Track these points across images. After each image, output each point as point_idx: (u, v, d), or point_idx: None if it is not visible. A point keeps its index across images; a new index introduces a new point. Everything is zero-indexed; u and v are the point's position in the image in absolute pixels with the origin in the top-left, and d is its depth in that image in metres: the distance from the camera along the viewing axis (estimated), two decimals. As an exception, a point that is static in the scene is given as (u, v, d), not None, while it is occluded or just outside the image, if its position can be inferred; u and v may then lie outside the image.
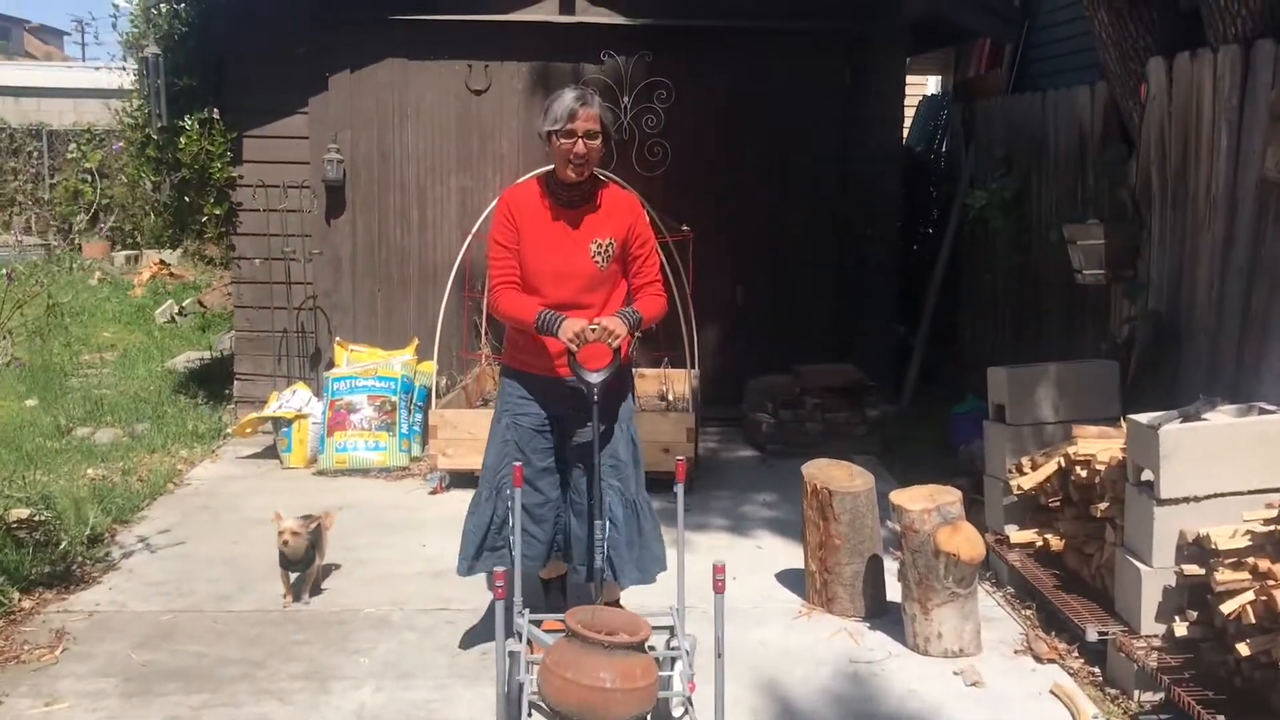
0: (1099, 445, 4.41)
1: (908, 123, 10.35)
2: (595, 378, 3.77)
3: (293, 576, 4.76)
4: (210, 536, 5.62)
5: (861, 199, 7.79)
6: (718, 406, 7.53)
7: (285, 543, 4.64)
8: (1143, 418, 3.96)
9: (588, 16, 7.49)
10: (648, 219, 4.04)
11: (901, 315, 8.27)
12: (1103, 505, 4.24)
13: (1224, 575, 3.54)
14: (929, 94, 13.37)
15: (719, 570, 3.25)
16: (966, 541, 4.14)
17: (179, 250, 12.44)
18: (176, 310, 11.98)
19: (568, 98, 3.81)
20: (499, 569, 3.25)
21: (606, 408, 3.89)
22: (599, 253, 3.88)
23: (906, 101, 8.34)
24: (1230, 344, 4.66)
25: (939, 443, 7.24)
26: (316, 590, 4.87)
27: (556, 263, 3.88)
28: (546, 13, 7.50)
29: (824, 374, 7.29)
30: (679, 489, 3.75)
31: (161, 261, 13.91)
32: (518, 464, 3.85)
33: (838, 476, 4.67)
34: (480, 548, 4.07)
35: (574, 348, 3.73)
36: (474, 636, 4.44)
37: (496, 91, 7.62)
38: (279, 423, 6.96)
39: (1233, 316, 4.63)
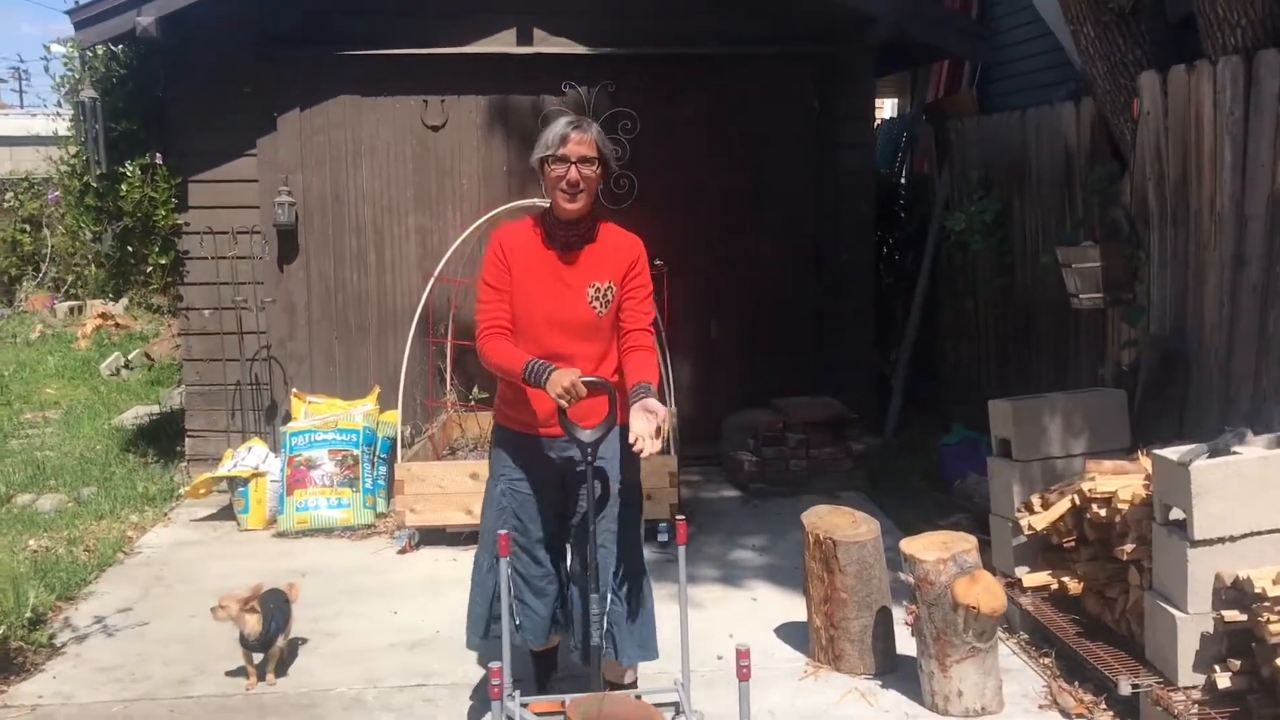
0: (1118, 482, 4.15)
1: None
2: (590, 436, 3.44)
3: (256, 657, 4.38)
4: (165, 611, 5.22)
5: (836, 225, 7.56)
6: (696, 445, 7.22)
7: (242, 625, 4.27)
8: (1170, 453, 3.70)
9: (547, 47, 7.22)
10: (648, 263, 3.72)
11: (879, 343, 8.03)
12: (1128, 548, 3.97)
13: (1274, 621, 3.28)
14: (886, 117, 13.24)
15: (743, 655, 2.93)
16: (987, 592, 3.86)
17: (124, 300, 11.99)
18: (123, 363, 11.51)
19: (561, 122, 3.54)
20: (495, 665, 2.92)
21: (605, 468, 3.58)
22: (597, 298, 3.57)
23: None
24: (1245, 369, 4.43)
25: (929, 476, 6.99)
26: (283, 670, 4.49)
27: (550, 308, 3.56)
28: (504, 44, 7.22)
29: (805, 408, 7.02)
30: (681, 552, 3.45)
31: (102, 314, 13.42)
32: (503, 533, 3.52)
33: (841, 525, 4.38)
34: (489, 618, 3.78)
35: (564, 404, 3.39)
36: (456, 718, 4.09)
37: (454, 126, 7.32)
38: (235, 482, 6.57)
39: (1247, 340, 4.40)
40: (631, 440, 3.32)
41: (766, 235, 7.53)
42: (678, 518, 3.49)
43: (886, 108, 13.99)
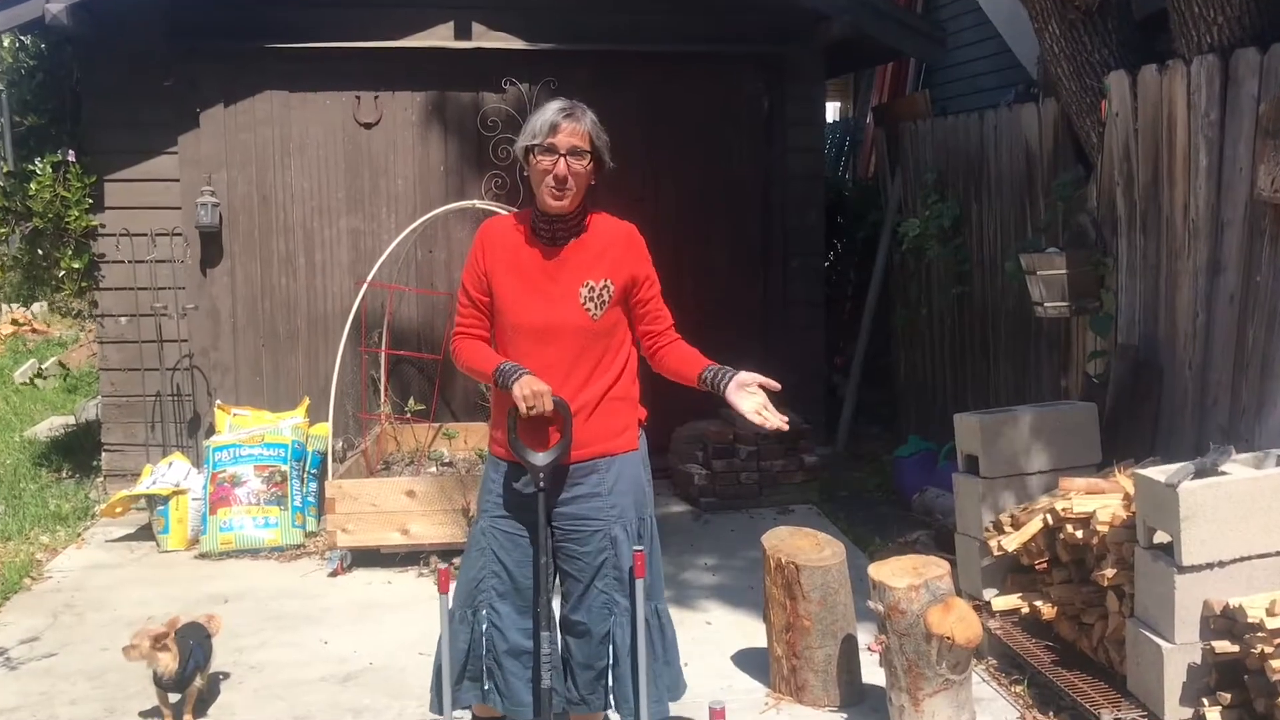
0: (1095, 502, 3.94)
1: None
2: (543, 459, 3.11)
3: (172, 697, 4.01)
4: (74, 644, 4.82)
5: (785, 230, 7.33)
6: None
7: (156, 664, 3.91)
8: (1155, 473, 3.49)
9: (486, 41, 6.90)
10: (648, 253, 3.32)
11: (828, 352, 7.82)
12: (1108, 572, 3.76)
13: (1274, 655, 3.07)
14: (829, 120, 13.08)
15: (717, 715, 2.63)
16: (961, 622, 3.62)
17: (39, 304, 11.42)
18: (37, 371, 10.96)
19: (551, 108, 3.14)
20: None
21: (594, 495, 3.19)
22: (591, 298, 3.14)
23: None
24: (1222, 381, 4.25)
25: (884, 488, 6.78)
26: (202, 709, 4.13)
27: (538, 313, 3.14)
28: (441, 38, 6.89)
29: (756, 419, 6.76)
30: (639, 587, 3.16)
31: (15, 321, 12.81)
32: (443, 567, 3.20)
33: (804, 548, 4.12)
34: (460, 676, 3.24)
35: (523, 409, 3.01)
36: (393, 761, 3.77)
37: (388, 124, 6.97)
38: (154, 500, 6.15)
39: (1224, 351, 4.22)
40: (755, 415, 3.07)
41: (713, 240, 7.28)
42: (635, 548, 3.20)
43: (829, 111, 13.83)
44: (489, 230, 3.29)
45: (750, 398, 3.12)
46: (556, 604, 3.29)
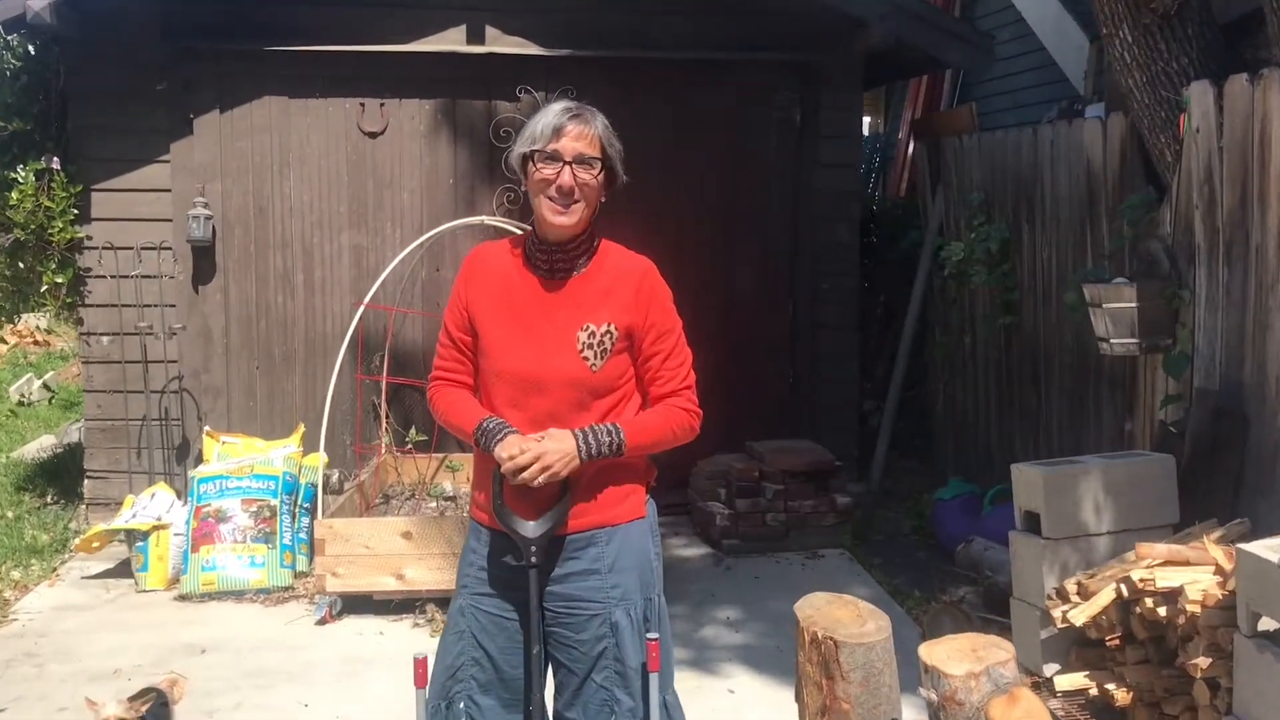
0: (1182, 575, 3.42)
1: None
2: (533, 530, 2.63)
3: (122, 778, 3.54)
4: (29, 700, 4.37)
5: (816, 252, 6.84)
6: (661, 493, 6.43)
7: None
8: (1261, 549, 2.98)
9: (500, 47, 6.44)
10: (669, 295, 2.77)
11: (862, 378, 7.32)
12: (1201, 661, 3.24)
13: None
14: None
15: None
16: (1029, 717, 3.10)
17: (39, 315, 11.04)
18: (36, 386, 10.54)
19: (555, 109, 2.65)
20: None
21: (592, 572, 2.69)
22: (590, 345, 2.64)
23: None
24: (1321, 434, 3.73)
25: (921, 533, 6.27)
26: (160, 789, 3.66)
27: (528, 360, 2.65)
28: (452, 42, 6.44)
29: (784, 454, 6.27)
30: (654, 682, 2.67)
31: (18, 331, 12.41)
32: (419, 657, 2.71)
33: (843, 620, 3.60)
34: None
35: (509, 476, 2.57)
36: None
37: (394, 133, 6.51)
38: (133, 535, 5.71)
39: (1324, 400, 3.71)
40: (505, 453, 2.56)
41: (740, 261, 6.80)
42: (649, 636, 2.70)
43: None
44: (476, 258, 2.81)
45: (536, 441, 2.60)
46: (549, 694, 2.79)
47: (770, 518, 6.12)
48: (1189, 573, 3.45)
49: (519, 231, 5.82)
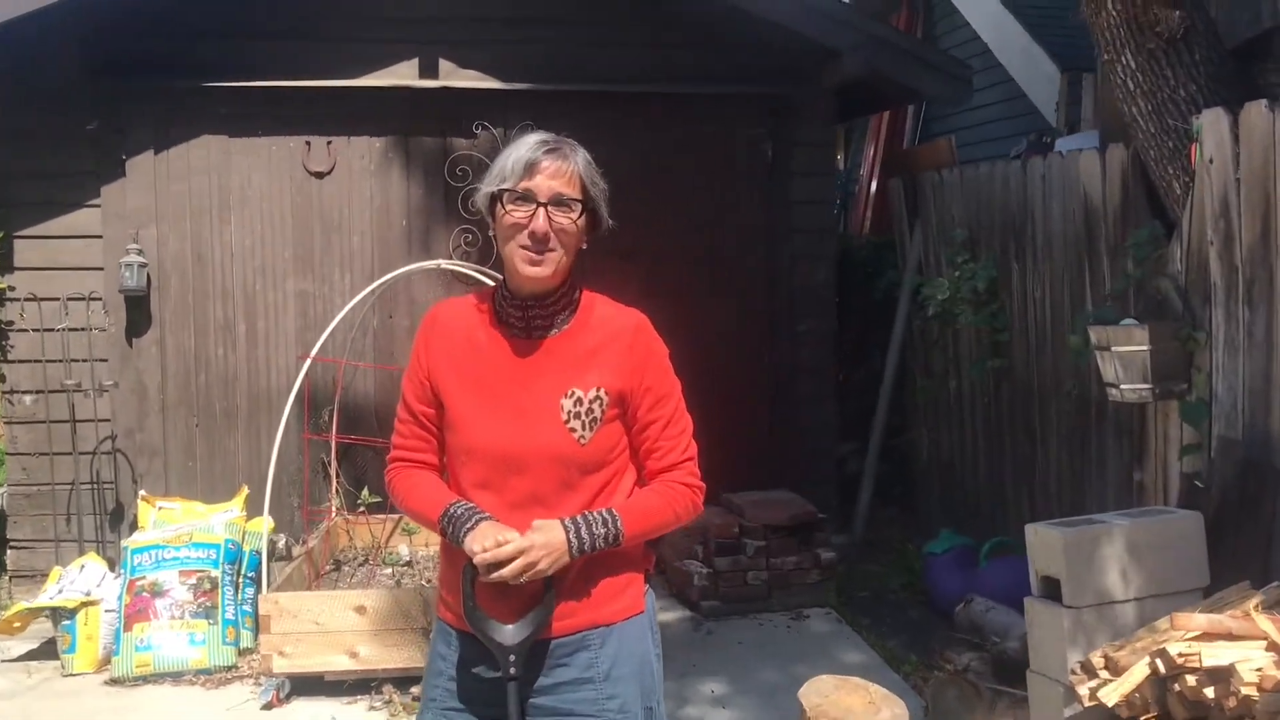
0: (1232, 652, 3.08)
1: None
2: (512, 636, 2.23)
3: None
4: (-67, 813, 3.88)
5: (791, 293, 6.52)
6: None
7: None
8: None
9: (455, 80, 6.09)
10: (666, 353, 2.41)
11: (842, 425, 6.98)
12: (1262, 751, 2.90)
13: None
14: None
15: None
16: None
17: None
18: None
19: (529, 142, 2.29)
20: None
21: (583, 681, 2.30)
22: (576, 414, 2.27)
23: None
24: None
25: (912, 589, 5.92)
26: None
27: (504, 434, 2.28)
28: (404, 76, 6.08)
29: (764, 506, 5.90)
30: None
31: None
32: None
33: (855, 709, 3.22)
34: None
35: (480, 571, 2.19)
36: None
37: (343, 173, 6.12)
38: (59, 613, 5.21)
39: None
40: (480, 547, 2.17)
41: (712, 304, 6.45)
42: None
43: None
44: (436, 318, 2.42)
45: (520, 535, 2.22)
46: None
47: (751, 576, 5.74)
48: (1238, 649, 3.11)
49: (479, 275, 5.48)
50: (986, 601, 4.86)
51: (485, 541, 2.16)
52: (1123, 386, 4.17)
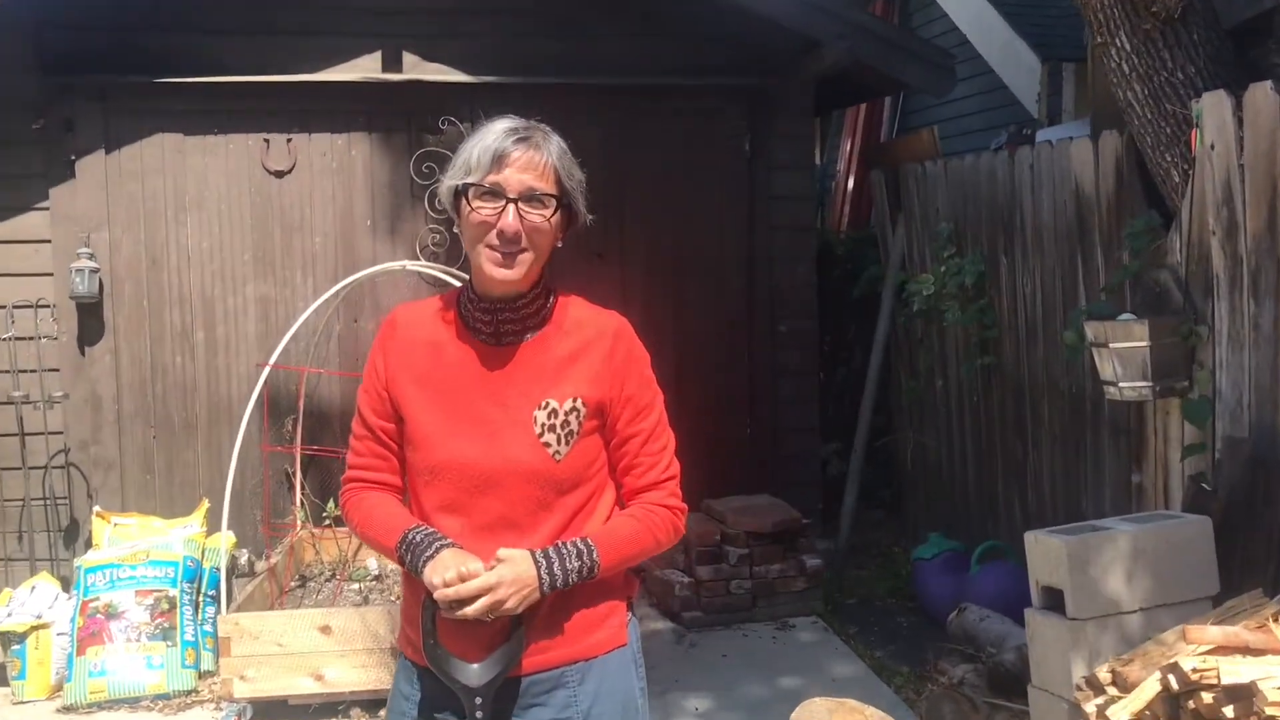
0: (1253, 668, 2.89)
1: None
2: (477, 677, 2.00)
3: None
4: None
5: (771, 291, 6.31)
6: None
7: None
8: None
9: (420, 74, 5.85)
10: (648, 359, 2.19)
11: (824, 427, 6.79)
12: (1288, 776, 2.71)
13: None
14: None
15: None
16: None
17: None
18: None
19: (495, 130, 2.05)
20: None
21: None
22: (551, 426, 2.05)
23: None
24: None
25: (900, 595, 5.74)
26: None
27: (471, 450, 2.05)
28: (366, 70, 5.83)
29: (746, 513, 5.69)
30: None
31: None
32: None
33: (852, 734, 3.03)
34: None
35: (443, 605, 1.96)
36: None
37: (304, 172, 5.87)
38: (8, 638, 4.95)
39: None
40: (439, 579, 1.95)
41: (689, 303, 6.24)
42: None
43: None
44: (394, 324, 2.20)
45: (491, 570, 1.99)
46: None
47: (735, 585, 5.54)
48: (1258, 664, 2.92)
49: (447, 276, 5.24)
50: (980, 610, 4.68)
51: (446, 574, 1.94)
52: (1121, 384, 3.98)
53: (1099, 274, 4.54)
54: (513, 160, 2.02)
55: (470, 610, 1.93)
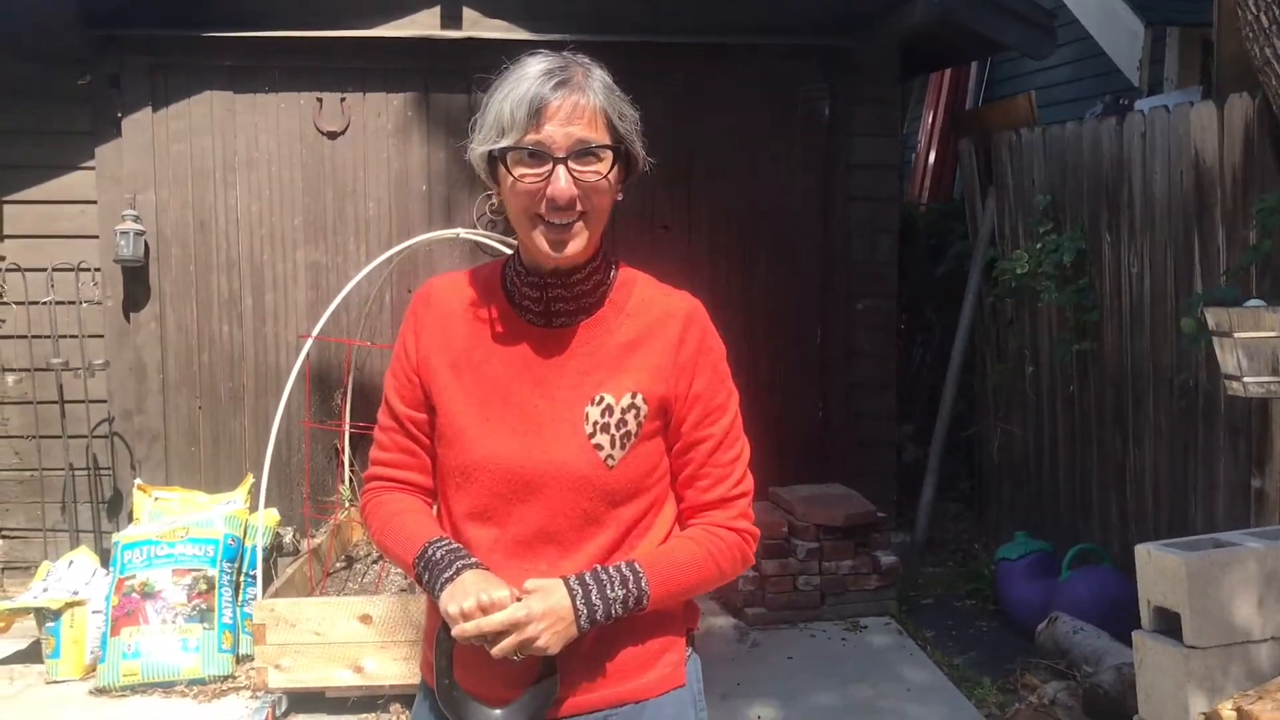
0: None
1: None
2: (501, 718, 1.70)
3: None
4: None
5: (849, 266, 5.92)
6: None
7: None
8: None
9: (480, 31, 5.53)
10: (723, 352, 1.82)
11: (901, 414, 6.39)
12: None
13: None
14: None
15: None
16: None
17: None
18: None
19: (529, 73, 1.70)
20: None
21: None
22: (605, 428, 1.72)
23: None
24: None
25: (981, 597, 5.35)
26: None
27: (510, 450, 1.72)
28: (424, 26, 5.52)
29: (816, 504, 5.33)
30: None
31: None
32: None
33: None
34: None
35: (457, 633, 1.63)
36: None
37: (357, 133, 5.60)
38: (43, 614, 4.76)
39: None
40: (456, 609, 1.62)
41: (758, 278, 5.88)
42: None
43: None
44: (426, 299, 1.85)
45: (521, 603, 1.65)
46: None
47: (802, 581, 5.19)
48: None
49: (503, 247, 4.93)
50: (1073, 621, 4.28)
51: (465, 603, 1.61)
52: (1245, 379, 3.54)
53: (1220, 255, 4.09)
54: (554, 110, 1.66)
55: (495, 650, 1.60)
